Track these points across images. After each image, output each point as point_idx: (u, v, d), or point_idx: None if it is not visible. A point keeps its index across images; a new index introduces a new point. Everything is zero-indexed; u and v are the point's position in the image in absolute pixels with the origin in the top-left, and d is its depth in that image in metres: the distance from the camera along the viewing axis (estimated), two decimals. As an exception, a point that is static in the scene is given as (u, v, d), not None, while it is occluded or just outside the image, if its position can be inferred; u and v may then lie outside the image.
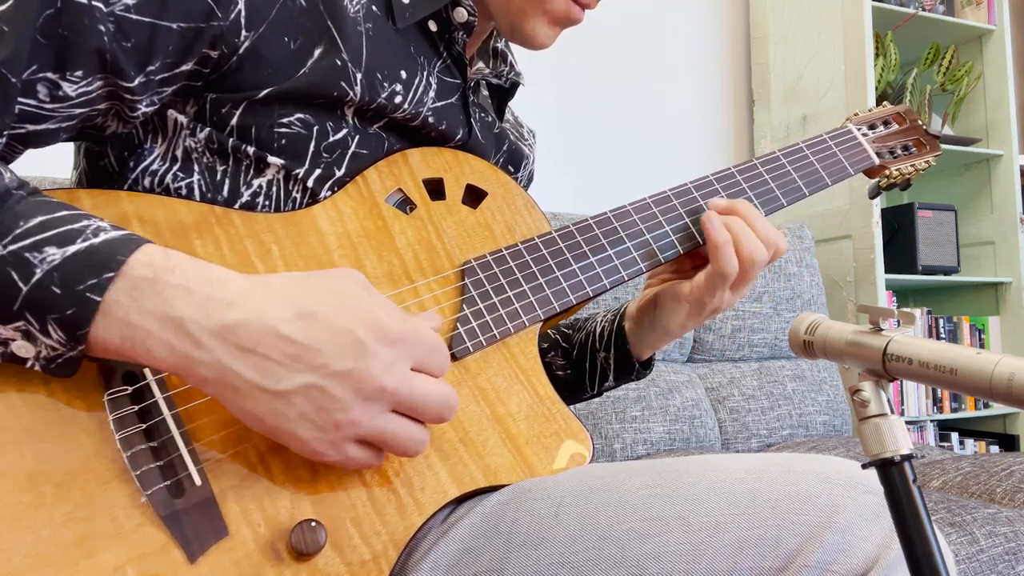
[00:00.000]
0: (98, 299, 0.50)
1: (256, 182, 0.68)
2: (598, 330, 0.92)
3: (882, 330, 0.49)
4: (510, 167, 0.91)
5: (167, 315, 0.50)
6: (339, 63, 0.68)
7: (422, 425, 0.56)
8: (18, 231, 0.50)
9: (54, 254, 0.50)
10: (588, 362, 0.93)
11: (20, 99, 0.57)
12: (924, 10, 2.64)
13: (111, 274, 0.50)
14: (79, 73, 0.58)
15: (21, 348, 0.51)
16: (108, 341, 0.51)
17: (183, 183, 0.67)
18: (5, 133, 0.57)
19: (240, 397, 0.51)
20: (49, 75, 0.58)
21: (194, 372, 0.51)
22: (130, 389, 0.56)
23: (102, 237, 0.52)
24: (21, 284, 0.49)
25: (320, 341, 0.52)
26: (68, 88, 0.59)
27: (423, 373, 0.56)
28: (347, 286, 0.55)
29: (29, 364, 0.52)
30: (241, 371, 0.51)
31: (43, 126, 0.60)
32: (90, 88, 0.60)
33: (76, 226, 0.52)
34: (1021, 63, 3.22)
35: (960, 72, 2.73)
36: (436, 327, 0.60)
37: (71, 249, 0.51)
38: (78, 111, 0.60)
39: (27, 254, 0.50)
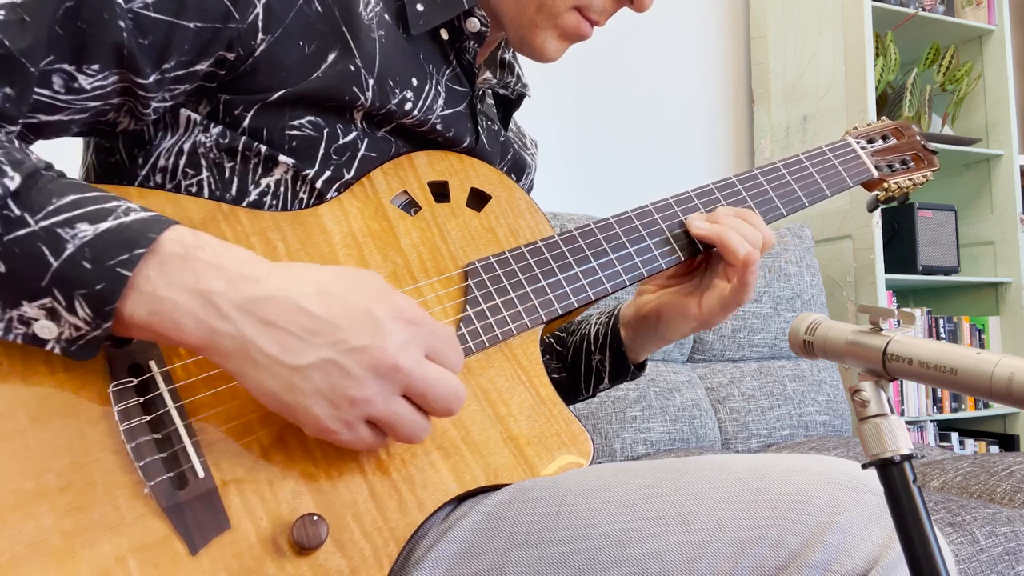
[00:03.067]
0: (128, 274, 0.50)
1: (264, 181, 0.68)
2: (592, 332, 0.93)
3: (882, 330, 0.49)
4: (513, 175, 0.92)
5: (196, 288, 0.51)
6: (352, 68, 0.68)
7: (427, 417, 0.57)
8: (50, 208, 0.51)
9: (86, 230, 0.51)
10: (583, 364, 0.93)
11: (36, 89, 0.58)
12: (924, 10, 2.64)
13: (142, 250, 0.51)
14: (95, 67, 0.59)
15: (43, 328, 0.51)
16: (135, 316, 0.51)
17: (193, 180, 0.67)
18: (20, 122, 0.58)
19: (259, 371, 0.52)
20: (65, 67, 0.58)
21: (217, 345, 0.52)
22: (135, 381, 0.57)
23: (132, 216, 0.53)
24: (52, 259, 0.50)
25: (339, 316, 0.53)
26: (83, 81, 0.59)
27: (435, 363, 0.56)
28: (365, 273, 0.57)
29: (49, 347, 0.52)
30: (262, 344, 0.52)
31: (56, 117, 0.60)
32: (105, 82, 0.60)
33: (107, 205, 0.53)
34: (1021, 63, 3.22)
35: (960, 72, 2.73)
36: (452, 333, 0.61)
37: (103, 226, 0.51)
38: (91, 104, 0.61)
39: (59, 230, 0.51)
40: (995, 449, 2.68)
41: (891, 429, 0.47)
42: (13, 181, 0.51)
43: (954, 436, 2.71)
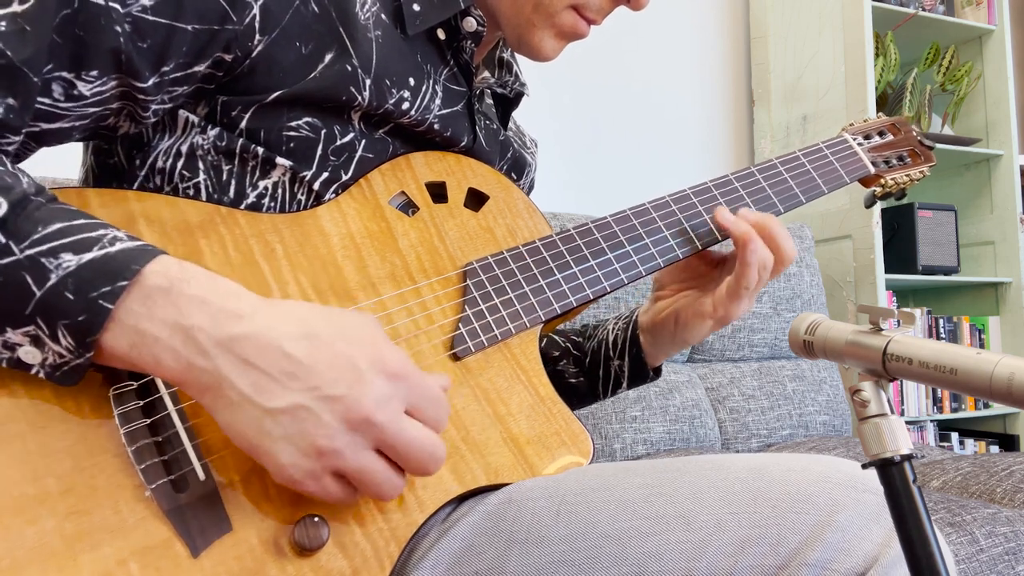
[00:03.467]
0: (110, 307, 0.50)
1: (262, 183, 0.68)
2: (610, 339, 0.93)
3: (882, 330, 0.49)
4: (513, 174, 0.92)
5: (178, 323, 0.51)
6: (349, 68, 0.68)
7: (402, 474, 0.55)
8: (36, 236, 0.51)
9: (69, 260, 0.51)
10: (602, 370, 0.93)
11: (37, 98, 0.57)
12: (924, 10, 2.64)
13: (125, 283, 0.50)
14: (94, 73, 0.59)
15: (28, 354, 0.51)
16: (116, 348, 0.51)
17: (190, 183, 0.67)
18: (23, 131, 0.58)
19: (231, 410, 0.51)
20: (64, 74, 0.58)
21: (195, 380, 0.51)
22: (136, 384, 0.57)
23: (118, 247, 0.52)
24: (35, 288, 0.50)
25: (318, 362, 0.51)
26: (83, 87, 0.59)
27: (417, 420, 0.54)
28: (358, 320, 0.55)
29: (34, 371, 0.52)
30: (236, 382, 0.51)
31: (57, 125, 0.60)
32: (104, 88, 0.60)
33: (93, 234, 0.52)
34: (1021, 63, 3.22)
35: (960, 72, 2.73)
36: (444, 386, 0.59)
37: (87, 256, 0.51)
38: (91, 110, 0.61)
39: (43, 259, 0.50)
40: (995, 449, 2.68)
41: (891, 429, 0.47)
42: (0, 208, 0.51)
43: (954, 436, 2.71)
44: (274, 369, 0.51)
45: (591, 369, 0.94)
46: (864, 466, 0.48)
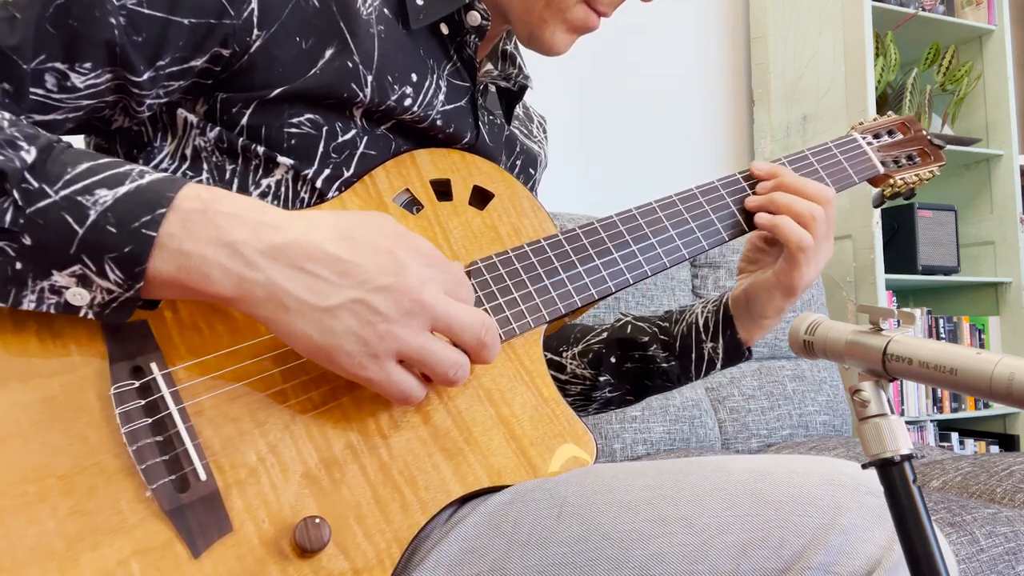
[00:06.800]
0: (153, 234, 0.52)
1: (265, 182, 0.68)
2: (701, 321, 0.92)
3: (882, 330, 0.49)
4: (530, 169, 0.92)
5: (220, 239, 0.53)
6: (350, 65, 0.68)
7: (462, 352, 0.59)
8: (67, 177, 0.52)
9: (105, 195, 0.52)
10: (695, 353, 0.93)
11: (30, 88, 0.58)
12: (924, 10, 2.64)
13: (163, 210, 0.52)
14: (88, 65, 0.59)
15: (75, 296, 0.52)
16: (164, 273, 0.52)
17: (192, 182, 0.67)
18: (22, 119, 0.58)
19: (291, 316, 0.54)
20: (58, 65, 0.58)
21: (248, 293, 0.53)
22: (137, 383, 0.57)
23: (148, 179, 0.54)
24: (76, 227, 0.51)
25: (363, 258, 0.55)
26: (76, 79, 0.59)
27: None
28: (378, 216, 0.59)
29: (82, 313, 0.53)
30: (291, 289, 0.53)
31: (50, 116, 0.60)
32: (98, 80, 0.60)
33: (121, 170, 0.54)
34: (1021, 63, 3.22)
35: (960, 72, 2.73)
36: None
37: (121, 190, 0.52)
38: (85, 102, 0.61)
39: (79, 197, 0.52)
40: (995, 449, 2.68)
41: (891, 429, 0.47)
42: (29, 154, 0.52)
43: (954, 436, 2.71)
44: (323, 270, 0.54)
45: (683, 352, 0.94)
46: (864, 466, 0.48)
